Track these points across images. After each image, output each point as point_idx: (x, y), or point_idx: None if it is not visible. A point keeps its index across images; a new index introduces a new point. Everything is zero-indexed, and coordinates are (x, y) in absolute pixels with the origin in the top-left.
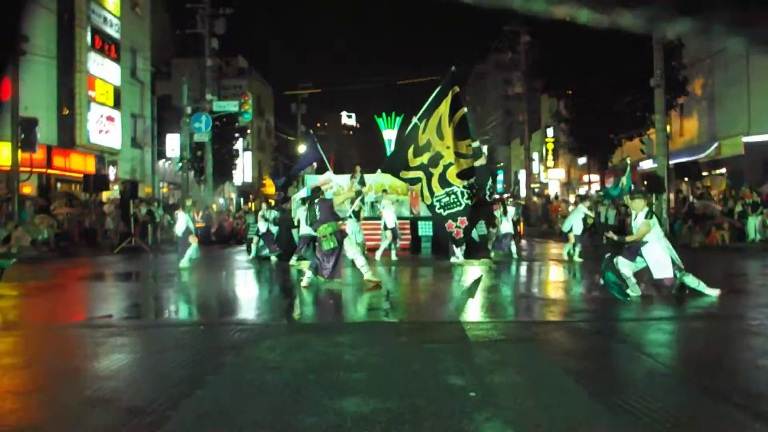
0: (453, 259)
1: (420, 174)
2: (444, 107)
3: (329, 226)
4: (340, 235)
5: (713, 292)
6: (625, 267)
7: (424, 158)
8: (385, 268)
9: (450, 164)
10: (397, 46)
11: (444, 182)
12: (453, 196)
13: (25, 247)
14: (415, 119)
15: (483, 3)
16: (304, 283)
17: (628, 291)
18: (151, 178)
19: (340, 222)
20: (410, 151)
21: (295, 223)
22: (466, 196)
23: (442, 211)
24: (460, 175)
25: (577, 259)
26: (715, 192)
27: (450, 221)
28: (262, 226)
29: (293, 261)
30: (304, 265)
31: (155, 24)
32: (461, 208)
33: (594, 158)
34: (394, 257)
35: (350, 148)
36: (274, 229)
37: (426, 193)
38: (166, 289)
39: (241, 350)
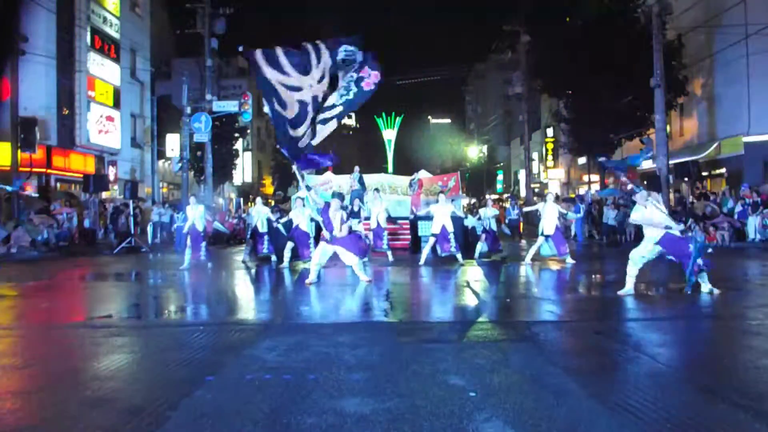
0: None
1: None
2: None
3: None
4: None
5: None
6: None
7: None
8: (385, 267)
9: None
10: (396, 46)
11: None
12: None
13: (26, 247)
14: None
15: None
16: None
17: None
18: (151, 178)
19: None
20: None
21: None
22: None
23: None
24: None
25: (569, 261)
26: (715, 192)
27: None
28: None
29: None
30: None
31: (155, 24)
32: None
33: (594, 158)
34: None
35: (350, 148)
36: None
37: None
38: (166, 289)
39: (241, 350)
